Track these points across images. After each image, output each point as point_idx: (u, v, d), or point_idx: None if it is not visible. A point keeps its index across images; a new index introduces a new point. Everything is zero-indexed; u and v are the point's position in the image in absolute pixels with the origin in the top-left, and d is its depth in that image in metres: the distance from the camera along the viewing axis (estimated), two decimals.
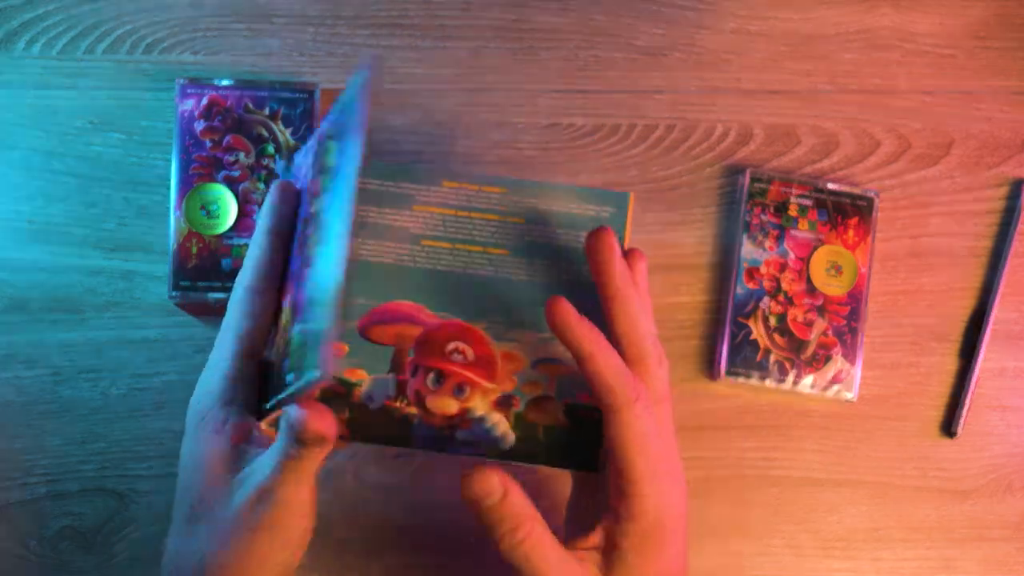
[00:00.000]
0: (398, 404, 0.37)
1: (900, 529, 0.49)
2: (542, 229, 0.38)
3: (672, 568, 0.36)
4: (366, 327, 0.38)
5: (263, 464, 0.35)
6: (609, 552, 0.36)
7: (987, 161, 0.52)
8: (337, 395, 0.37)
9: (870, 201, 0.51)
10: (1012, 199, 0.52)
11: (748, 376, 0.49)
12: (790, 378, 0.49)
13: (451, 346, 0.38)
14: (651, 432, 0.35)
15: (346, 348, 0.37)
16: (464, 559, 0.48)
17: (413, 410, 0.37)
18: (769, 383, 0.49)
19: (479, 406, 0.37)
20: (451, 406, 0.37)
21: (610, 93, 0.52)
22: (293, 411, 0.32)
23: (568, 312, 0.34)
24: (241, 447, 0.36)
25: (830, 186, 0.50)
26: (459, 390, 0.37)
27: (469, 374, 0.38)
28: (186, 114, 0.48)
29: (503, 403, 0.37)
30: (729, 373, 0.49)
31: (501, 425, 0.37)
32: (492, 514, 0.34)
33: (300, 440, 0.32)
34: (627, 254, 0.37)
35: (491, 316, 0.38)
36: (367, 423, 0.37)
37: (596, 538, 0.36)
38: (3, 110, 0.50)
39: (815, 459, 0.50)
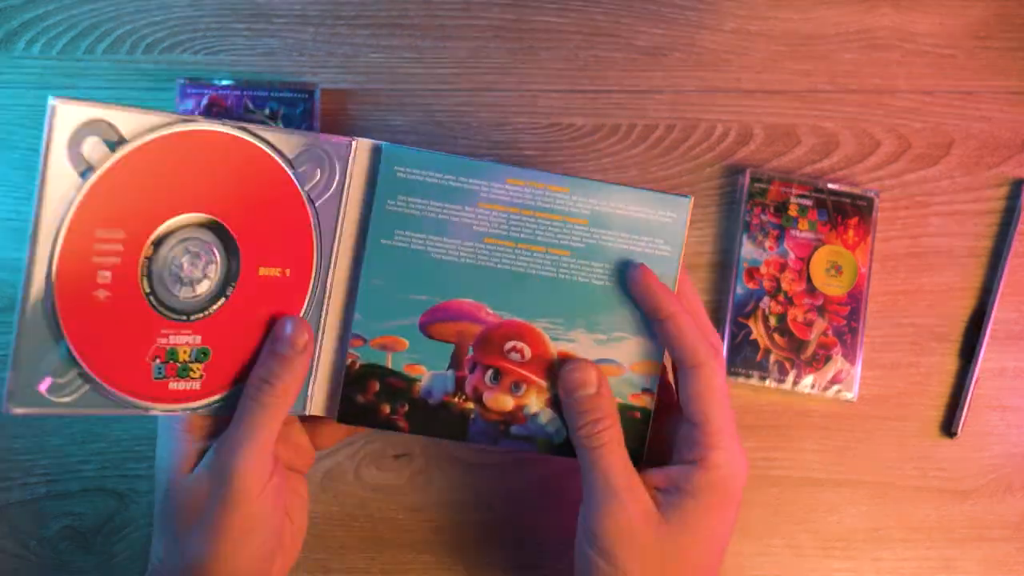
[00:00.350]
0: (456, 400, 0.39)
1: (900, 529, 0.49)
2: (604, 232, 0.39)
3: (719, 537, 0.38)
4: (427, 324, 0.39)
5: (223, 435, 0.36)
6: (669, 494, 0.37)
7: (987, 161, 0.52)
8: (397, 389, 0.38)
9: (870, 201, 0.51)
10: (1012, 199, 0.52)
11: (748, 376, 0.49)
12: (790, 378, 0.49)
13: (509, 345, 0.39)
14: (726, 391, 0.37)
15: (407, 343, 0.38)
16: (465, 559, 0.48)
17: (470, 405, 0.39)
18: (769, 383, 0.49)
19: (534, 403, 0.39)
20: (508, 403, 0.39)
21: (610, 93, 0.52)
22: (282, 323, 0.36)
23: (651, 276, 0.37)
24: (205, 445, 0.37)
25: (830, 186, 0.50)
26: (516, 387, 0.39)
27: (526, 373, 0.39)
28: (186, 114, 0.48)
29: (557, 401, 0.39)
30: (729, 373, 0.49)
31: (554, 422, 0.39)
32: (583, 404, 0.37)
33: (284, 346, 0.36)
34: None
35: (550, 316, 0.39)
36: (425, 417, 0.39)
37: (659, 478, 0.38)
38: (3, 110, 0.50)
39: (815, 459, 0.50)
